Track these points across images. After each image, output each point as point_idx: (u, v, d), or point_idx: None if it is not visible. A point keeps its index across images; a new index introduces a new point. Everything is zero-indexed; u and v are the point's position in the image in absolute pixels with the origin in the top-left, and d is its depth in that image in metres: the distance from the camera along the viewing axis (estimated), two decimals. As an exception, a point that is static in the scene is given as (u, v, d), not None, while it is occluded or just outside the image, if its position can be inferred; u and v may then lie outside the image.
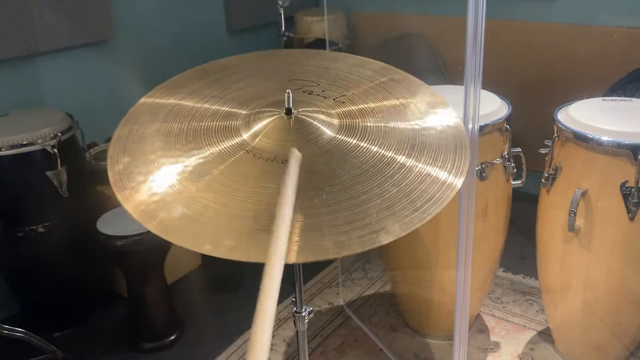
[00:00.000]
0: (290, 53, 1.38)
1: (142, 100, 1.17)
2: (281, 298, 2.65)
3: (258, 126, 1.07)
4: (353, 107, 1.14)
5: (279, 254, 0.76)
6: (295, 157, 0.95)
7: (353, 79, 1.23)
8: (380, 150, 1.03)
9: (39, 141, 1.91)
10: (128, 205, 0.94)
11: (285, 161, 1.00)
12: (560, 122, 1.68)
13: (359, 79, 1.23)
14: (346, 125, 1.09)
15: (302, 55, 1.36)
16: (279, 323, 2.18)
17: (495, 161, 1.74)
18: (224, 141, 1.05)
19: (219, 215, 0.91)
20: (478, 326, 2.12)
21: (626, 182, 1.56)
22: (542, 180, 1.76)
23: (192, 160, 1.01)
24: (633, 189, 1.55)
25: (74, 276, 2.19)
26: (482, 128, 1.67)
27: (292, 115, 1.08)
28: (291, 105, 1.08)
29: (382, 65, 1.29)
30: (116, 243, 1.89)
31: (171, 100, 1.16)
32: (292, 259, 0.86)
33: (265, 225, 0.89)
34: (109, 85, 2.49)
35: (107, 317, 2.27)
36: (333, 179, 0.97)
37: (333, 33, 3.06)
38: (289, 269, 1.01)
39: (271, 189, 0.95)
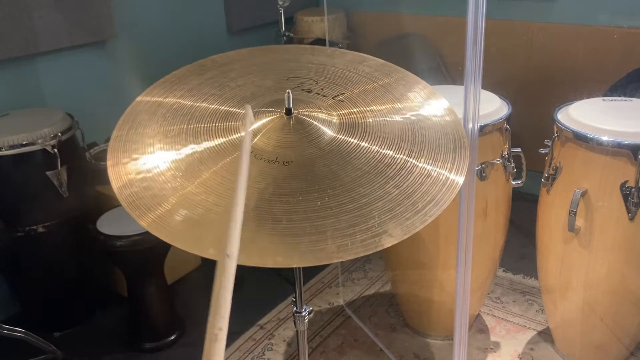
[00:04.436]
0: (287, 49, 1.38)
1: (140, 98, 1.17)
2: (281, 298, 2.64)
3: (258, 126, 1.07)
4: (352, 105, 1.14)
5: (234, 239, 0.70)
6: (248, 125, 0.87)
7: (351, 76, 1.23)
8: (380, 150, 1.03)
9: (39, 141, 1.91)
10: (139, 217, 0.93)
11: (287, 162, 0.99)
12: (560, 122, 1.68)
13: (358, 77, 1.23)
14: (346, 124, 1.09)
15: (299, 51, 1.36)
16: (279, 323, 2.18)
17: (495, 161, 1.74)
18: (224, 142, 1.04)
19: (222, 219, 0.91)
20: (478, 326, 2.12)
21: (626, 182, 1.56)
22: (542, 180, 1.76)
23: (193, 162, 1.01)
24: (633, 189, 1.55)
25: (74, 276, 2.19)
26: (482, 128, 1.67)
27: (292, 116, 1.08)
28: (291, 105, 1.07)
29: (380, 62, 1.29)
30: (116, 243, 1.89)
31: (169, 99, 1.15)
32: (296, 264, 0.86)
33: (269, 229, 0.89)
34: (109, 85, 2.49)
35: (107, 317, 2.27)
36: (334, 181, 0.96)
37: (333, 33, 3.06)
38: (289, 269, 1.01)
39: (272, 191, 0.95)
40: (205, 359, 0.61)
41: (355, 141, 1.05)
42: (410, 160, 1.02)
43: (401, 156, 1.02)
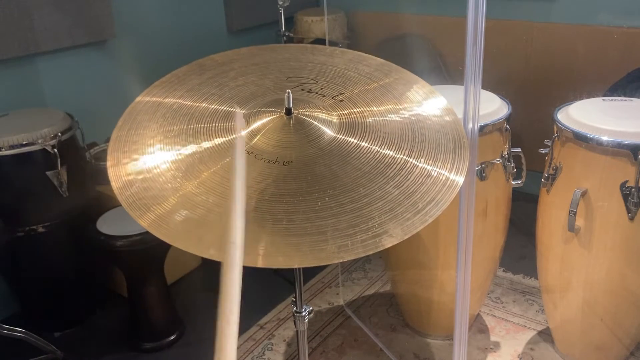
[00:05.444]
0: (287, 48, 1.38)
1: (139, 98, 1.17)
2: (281, 298, 2.63)
3: (258, 126, 1.07)
4: (352, 105, 1.14)
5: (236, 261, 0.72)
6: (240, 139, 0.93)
7: (351, 76, 1.23)
8: (380, 150, 1.03)
9: (39, 141, 1.91)
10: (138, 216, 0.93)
11: (287, 162, 0.99)
12: (560, 122, 1.68)
13: (357, 76, 1.23)
14: (346, 124, 1.09)
15: (299, 50, 1.36)
16: (279, 323, 2.18)
17: (495, 161, 1.74)
18: (224, 142, 1.04)
19: (222, 219, 0.91)
20: (478, 326, 2.12)
21: (626, 182, 1.56)
22: (542, 180, 1.76)
23: (193, 163, 1.01)
24: (633, 189, 1.55)
25: (74, 276, 2.19)
26: (482, 128, 1.67)
27: (292, 116, 1.08)
28: (291, 105, 1.07)
29: (379, 61, 1.28)
30: (116, 243, 1.89)
31: (169, 99, 1.15)
32: (296, 264, 0.86)
33: (270, 230, 0.89)
34: (109, 85, 2.49)
35: (107, 317, 2.27)
36: (335, 182, 0.96)
37: (333, 33, 3.06)
38: (289, 269, 1.01)
39: (272, 191, 0.95)
40: (218, 341, 0.61)
41: (355, 141, 1.05)
42: (411, 160, 1.02)
43: (401, 156, 1.02)
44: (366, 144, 1.04)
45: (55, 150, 1.93)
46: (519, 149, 1.80)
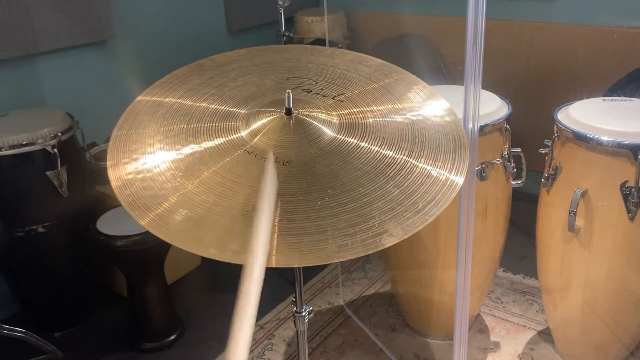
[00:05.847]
0: (287, 49, 1.38)
1: (139, 98, 1.17)
2: (281, 298, 2.63)
3: (258, 126, 1.07)
4: (352, 105, 1.14)
5: (259, 256, 0.74)
6: (270, 159, 0.95)
7: (351, 76, 1.23)
8: (380, 150, 1.03)
9: (39, 141, 1.91)
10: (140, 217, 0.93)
11: (287, 162, 1.00)
12: (560, 122, 1.68)
13: (357, 77, 1.23)
14: (346, 124, 1.09)
15: (299, 51, 1.36)
16: (279, 323, 2.18)
17: (495, 161, 1.74)
18: (224, 142, 1.05)
19: (222, 218, 0.91)
20: (478, 326, 2.12)
21: (626, 182, 1.56)
22: (542, 180, 1.76)
23: (193, 162, 1.01)
24: (633, 189, 1.55)
25: (74, 276, 2.19)
26: (482, 128, 1.67)
27: (292, 116, 1.08)
28: (291, 106, 1.07)
29: (379, 62, 1.29)
30: (116, 243, 1.89)
31: (169, 99, 1.15)
32: (296, 263, 0.86)
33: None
34: (109, 85, 2.49)
35: (107, 317, 2.28)
36: (335, 181, 0.96)
37: (333, 33, 3.06)
38: (289, 269, 1.01)
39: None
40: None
41: (355, 141, 1.05)
42: (411, 160, 1.02)
43: (401, 156, 1.02)
44: (366, 144, 1.04)
45: (55, 150, 1.93)
46: (519, 149, 1.80)
